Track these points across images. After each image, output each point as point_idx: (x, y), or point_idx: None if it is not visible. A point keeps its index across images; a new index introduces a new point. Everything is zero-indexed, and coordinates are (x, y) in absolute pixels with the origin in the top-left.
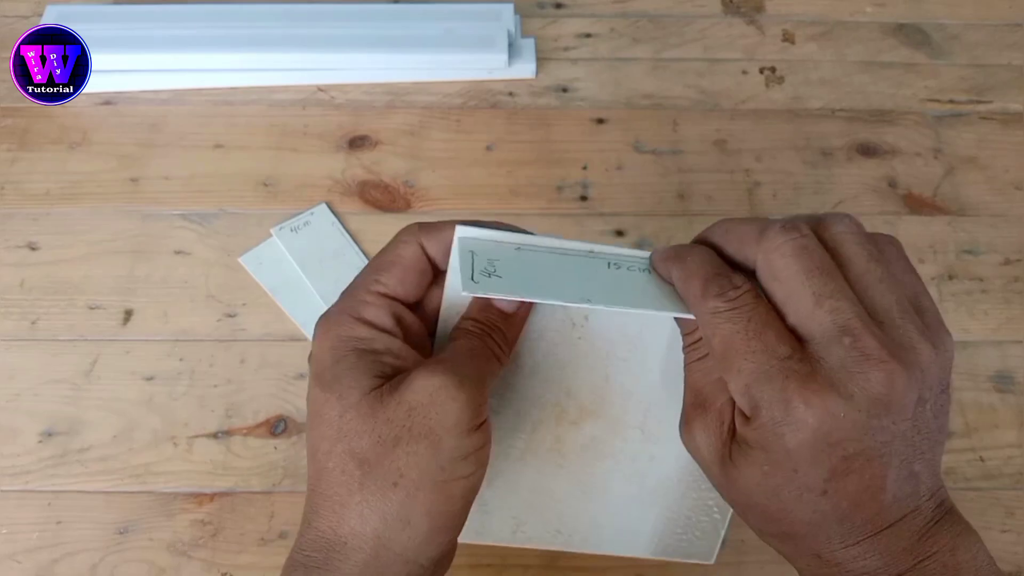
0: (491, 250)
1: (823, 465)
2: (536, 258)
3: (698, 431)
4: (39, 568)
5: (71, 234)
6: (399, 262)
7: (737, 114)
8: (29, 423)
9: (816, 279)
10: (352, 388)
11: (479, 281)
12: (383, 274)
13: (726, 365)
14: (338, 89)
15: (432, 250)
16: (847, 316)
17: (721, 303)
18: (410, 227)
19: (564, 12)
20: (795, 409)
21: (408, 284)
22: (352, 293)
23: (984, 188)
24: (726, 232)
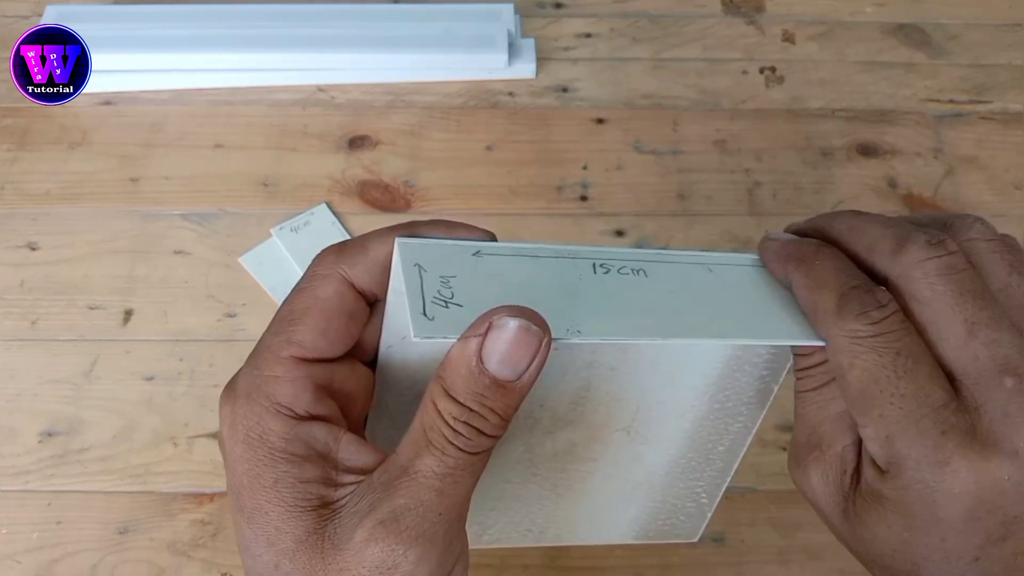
0: (443, 260)
1: (978, 533)
2: (502, 267)
3: (815, 475)
4: (39, 568)
5: (71, 234)
6: (316, 307)
7: (737, 114)
8: (29, 423)
9: (968, 304)
10: (282, 532)
11: (433, 316)
12: (296, 328)
13: (863, 406)
14: (338, 89)
15: (361, 279)
16: (1008, 350)
17: (863, 326)
18: (324, 253)
19: (564, 12)
20: (955, 472)
21: (332, 335)
22: (258, 360)
23: (984, 188)
24: (852, 231)
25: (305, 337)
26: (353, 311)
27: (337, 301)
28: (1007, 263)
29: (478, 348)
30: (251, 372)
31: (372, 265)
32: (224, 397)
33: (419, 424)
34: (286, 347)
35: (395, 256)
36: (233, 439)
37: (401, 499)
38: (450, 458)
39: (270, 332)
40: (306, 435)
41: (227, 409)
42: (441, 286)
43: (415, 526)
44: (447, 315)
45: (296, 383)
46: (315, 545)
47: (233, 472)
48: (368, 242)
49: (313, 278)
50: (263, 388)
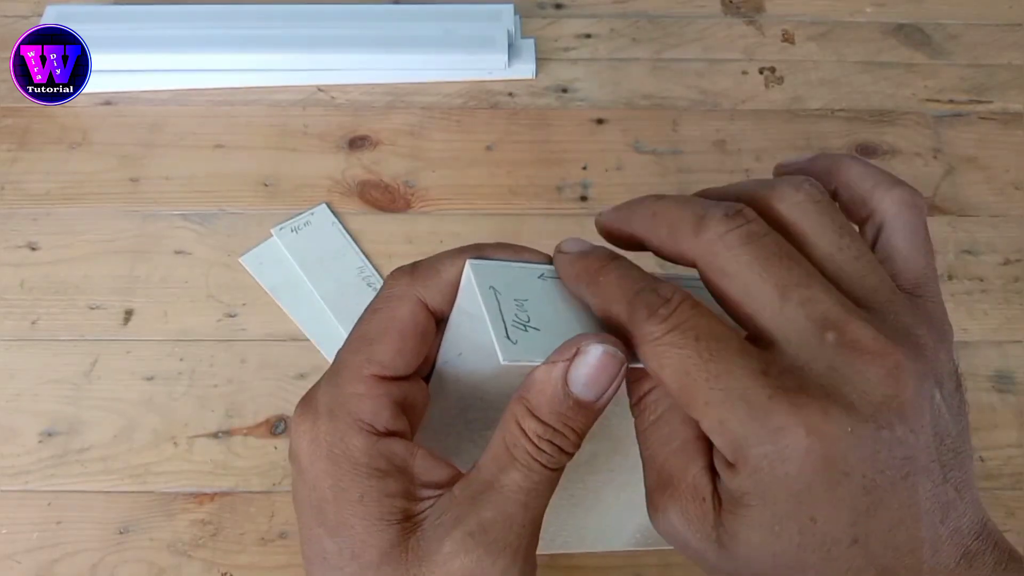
0: (514, 283)
1: (844, 504)
2: (565, 289)
3: (674, 515)
4: (39, 568)
5: (71, 234)
6: (394, 327)
7: (737, 114)
8: (29, 423)
9: (775, 267)
10: (368, 545)
11: (516, 340)
12: (375, 347)
13: (689, 402)
14: (338, 89)
15: (434, 300)
16: (825, 305)
17: (655, 326)
18: (398, 274)
19: (564, 12)
20: (792, 433)
21: (408, 354)
22: (339, 378)
23: (984, 188)
24: (653, 217)
25: (384, 356)
26: (425, 331)
27: (412, 321)
28: (836, 225)
29: (564, 372)
30: (332, 389)
31: (444, 287)
32: (303, 413)
33: (501, 441)
34: (367, 366)
35: (469, 278)
36: (315, 454)
37: (488, 512)
38: (534, 473)
39: (349, 351)
40: (387, 451)
41: (307, 425)
42: (517, 309)
43: (502, 538)
44: (528, 338)
45: (377, 400)
46: (399, 557)
47: (314, 487)
48: (440, 264)
49: (390, 299)
50: (346, 405)
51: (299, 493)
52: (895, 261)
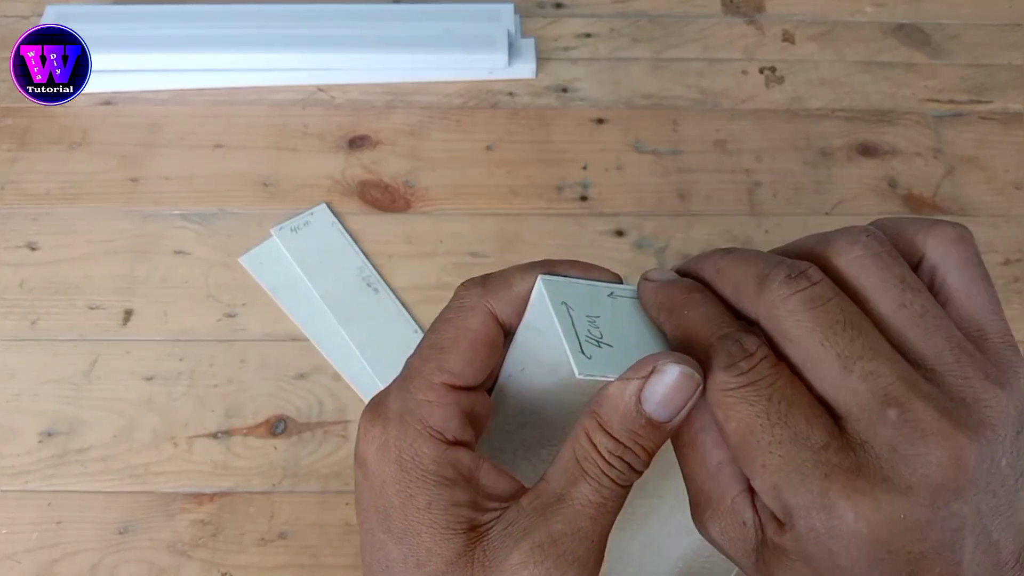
0: (585, 300)
1: (886, 573)
2: (635, 308)
3: (715, 532)
4: (39, 568)
5: (71, 234)
6: (465, 337)
7: (737, 114)
8: (29, 423)
9: (838, 336)
10: (433, 553)
11: (591, 355)
12: (447, 356)
13: (745, 459)
14: (338, 89)
15: (504, 313)
16: (887, 380)
17: (731, 377)
18: (471, 285)
19: (564, 12)
20: (841, 517)
21: (478, 365)
22: (411, 384)
23: (984, 188)
24: (718, 273)
25: (455, 366)
26: (495, 342)
27: (483, 333)
28: (897, 281)
29: (639, 390)
30: (403, 395)
31: (515, 300)
32: (373, 416)
33: (571, 455)
34: (438, 374)
35: (541, 293)
36: (384, 459)
37: (558, 524)
38: (605, 488)
39: (420, 358)
40: (455, 460)
41: (377, 430)
42: (590, 325)
43: (572, 551)
44: (602, 354)
45: (447, 409)
46: (464, 567)
47: (381, 493)
48: (512, 277)
49: (462, 310)
50: (416, 412)
51: (364, 498)
52: (954, 303)
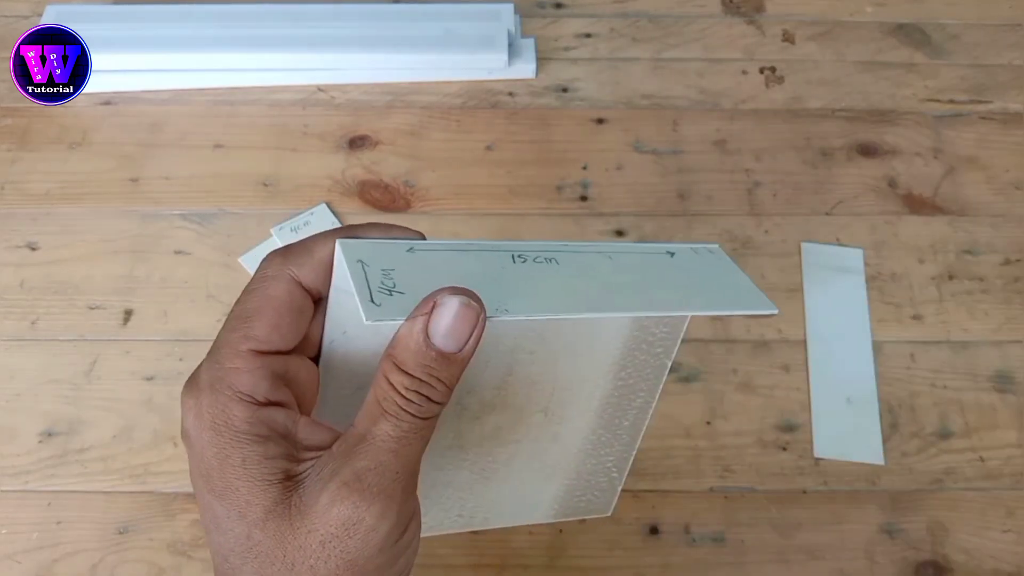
0: (381, 256)
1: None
2: (434, 260)
3: None
4: (39, 568)
5: (71, 234)
6: (269, 304)
7: (737, 114)
8: (29, 423)
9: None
10: (252, 504)
11: (380, 303)
12: (252, 324)
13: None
14: (338, 89)
15: (308, 278)
16: None
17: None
18: (272, 256)
19: (564, 12)
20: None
21: (284, 330)
22: (219, 355)
23: (984, 188)
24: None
25: (260, 332)
26: (302, 307)
27: (287, 299)
28: None
29: (425, 325)
30: (212, 366)
31: (317, 265)
32: (187, 390)
33: (373, 398)
34: (243, 342)
35: (337, 255)
36: (200, 427)
37: (361, 462)
38: (404, 423)
39: (227, 329)
40: (267, 418)
41: (192, 400)
42: (383, 277)
43: (375, 484)
44: (392, 301)
45: (254, 373)
46: (283, 514)
47: (201, 457)
48: (312, 244)
49: (264, 279)
50: (225, 379)
51: (191, 467)
52: None
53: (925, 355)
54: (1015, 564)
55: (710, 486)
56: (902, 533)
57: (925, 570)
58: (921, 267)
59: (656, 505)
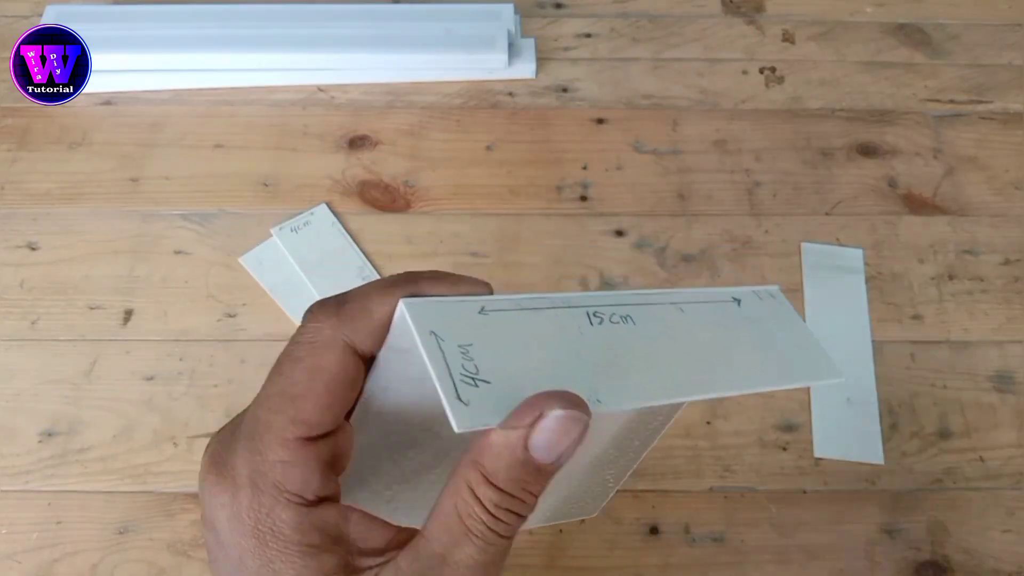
0: (454, 323)
1: None
2: (509, 325)
3: None
4: (39, 568)
5: (71, 234)
6: (320, 379)
7: (737, 114)
8: (29, 423)
9: None
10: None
11: (468, 400)
12: (300, 405)
13: None
14: (338, 89)
15: (364, 344)
16: None
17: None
18: (323, 314)
19: (564, 12)
20: None
21: (337, 408)
22: (260, 442)
23: (984, 188)
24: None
25: (311, 415)
26: (356, 379)
27: (341, 372)
28: None
29: (525, 438)
30: (253, 457)
31: (376, 329)
32: (218, 479)
33: (453, 509)
34: (290, 427)
35: (405, 320)
36: (238, 531)
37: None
38: (492, 546)
39: (268, 409)
40: (319, 521)
41: (226, 496)
42: (463, 359)
43: None
44: (480, 397)
45: (305, 467)
46: None
47: (241, 566)
48: (370, 302)
49: (314, 346)
50: (269, 475)
51: (221, 568)
52: None
53: (925, 355)
54: (1015, 564)
55: (710, 486)
56: (902, 533)
57: (925, 570)
58: (921, 267)
59: (656, 505)
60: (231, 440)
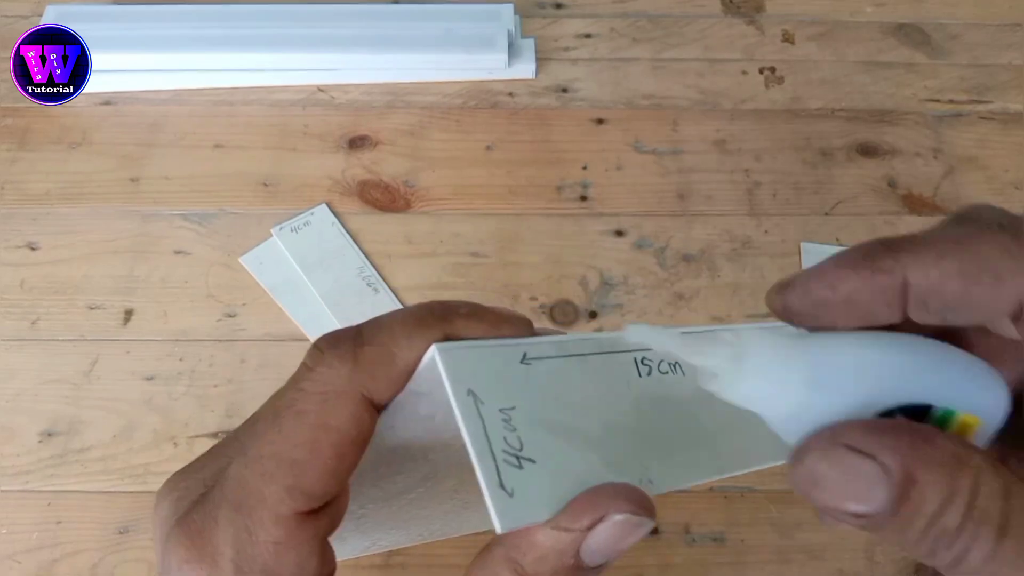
0: (495, 379)
1: None
2: (554, 378)
3: None
4: (39, 568)
5: (71, 234)
6: (327, 441)
7: (737, 114)
8: (29, 423)
9: None
10: None
11: (512, 488)
12: (301, 473)
13: None
14: (338, 89)
15: (383, 396)
16: None
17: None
18: (335, 359)
19: (564, 12)
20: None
21: (344, 472)
22: (250, 516)
23: (984, 188)
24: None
25: (314, 485)
26: (368, 438)
27: (354, 431)
28: None
29: (579, 543)
30: (238, 535)
31: (398, 377)
32: (191, 557)
33: None
34: (288, 500)
35: (438, 372)
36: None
37: None
38: None
39: (261, 474)
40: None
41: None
42: (505, 429)
43: None
44: (525, 483)
45: (301, 548)
46: None
47: None
48: (394, 346)
49: (325, 398)
50: (258, 559)
51: None
52: None
53: None
54: None
55: (710, 486)
56: None
57: (925, 570)
58: None
59: (656, 505)
60: (210, 504)
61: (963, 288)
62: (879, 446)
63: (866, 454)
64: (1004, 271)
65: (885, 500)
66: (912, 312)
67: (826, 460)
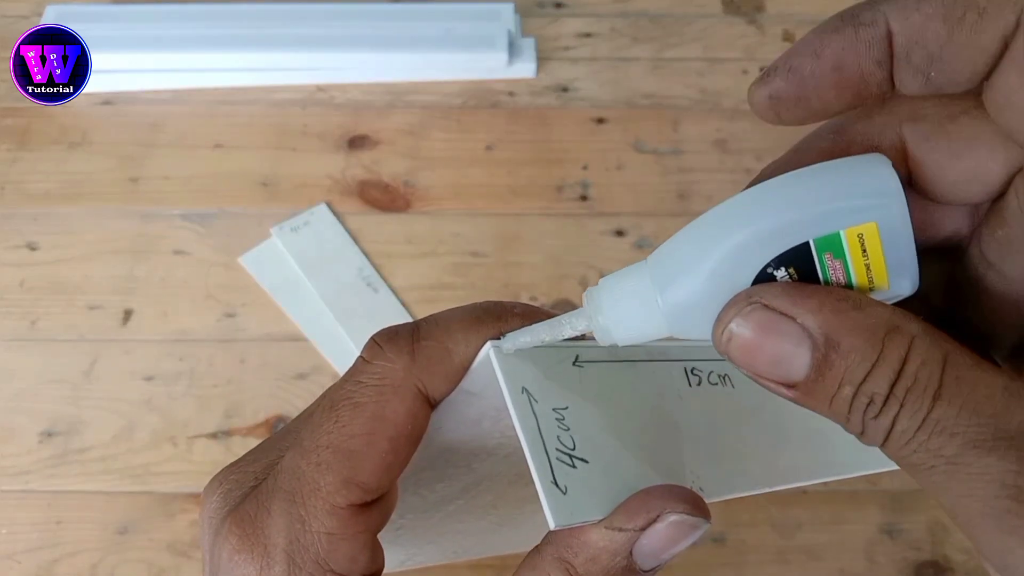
0: (548, 380)
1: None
2: (605, 382)
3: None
4: (39, 568)
5: (71, 234)
6: (383, 433)
7: (737, 114)
8: (29, 423)
9: None
10: None
11: (566, 487)
12: (357, 464)
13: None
14: (338, 89)
15: (439, 391)
16: None
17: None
18: (395, 353)
19: (564, 12)
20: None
21: (397, 467)
22: (305, 509)
23: None
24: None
25: (370, 477)
26: (422, 433)
27: (409, 425)
28: None
29: (632, 543)
30: (292, 524)
31: (453, 373)
32: (243, 546)
33: None
34: (343, 491)
35: (493, 370)
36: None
37: None
38: None
39: (317, 465)
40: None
41: (251, 568)
42: (559, 428)
43: None
44: (579, 482)
45: (354, 540)
46: None
47: None
48: (452, 341)
49: (382, 391)
50: (311, 548)
51: None
52: None
53: None
54: None
55: None
56: (902, 533)
57: (925, 570)
58: None
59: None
60: (263, 495)
61: (947, 31)
62: (799, 308)
63: (785, 315)
64: (988, 4)
65: (807, 363)
66: (899, 74)
67: (746, 322)
